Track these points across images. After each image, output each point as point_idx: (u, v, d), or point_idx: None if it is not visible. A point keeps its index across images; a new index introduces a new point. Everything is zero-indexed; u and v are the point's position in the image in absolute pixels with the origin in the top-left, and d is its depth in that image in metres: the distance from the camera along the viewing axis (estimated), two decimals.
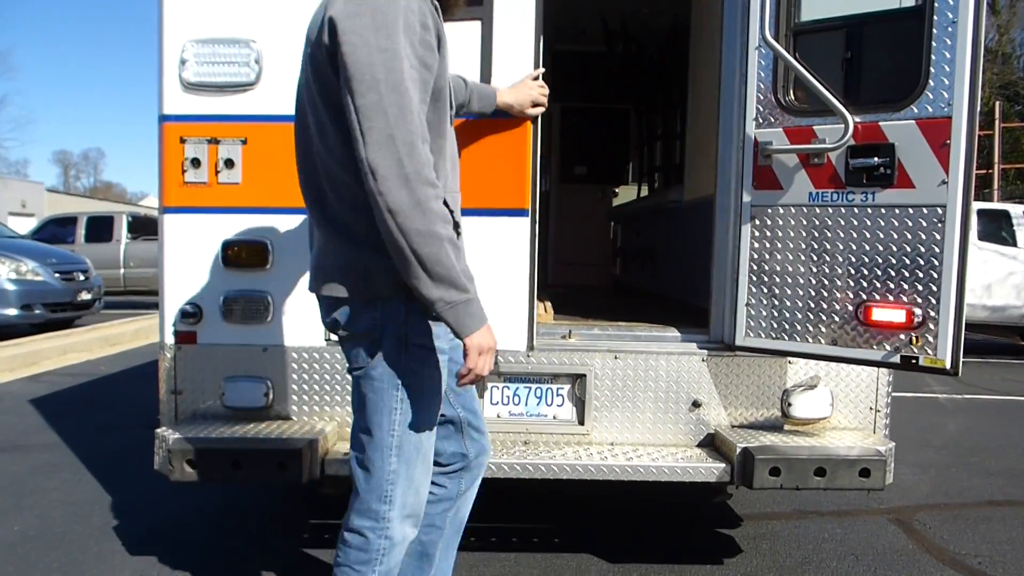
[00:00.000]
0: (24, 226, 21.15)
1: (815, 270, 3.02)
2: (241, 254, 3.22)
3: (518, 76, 3.15)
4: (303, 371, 3.27)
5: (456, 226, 1.98)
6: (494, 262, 3.22)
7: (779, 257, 3.11)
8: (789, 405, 3.30)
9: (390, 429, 2.02)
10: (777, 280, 3.12)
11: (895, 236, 2.78)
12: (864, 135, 2.82)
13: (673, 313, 4.12)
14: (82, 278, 11.53)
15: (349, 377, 2.09)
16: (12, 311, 10.22)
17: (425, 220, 1.79)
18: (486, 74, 3.15)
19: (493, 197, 3.21)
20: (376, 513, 2.06)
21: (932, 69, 2.68)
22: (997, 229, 10.97)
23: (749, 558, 3.62)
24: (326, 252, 2.05)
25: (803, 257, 3.04)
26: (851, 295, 2.91)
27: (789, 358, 3.28)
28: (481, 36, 3.15)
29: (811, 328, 3.05)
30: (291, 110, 3.18)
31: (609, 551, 3.62)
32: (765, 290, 3.16)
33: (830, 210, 2.94)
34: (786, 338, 3.12)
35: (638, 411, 3.33)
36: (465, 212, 3.20)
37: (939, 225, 2.68)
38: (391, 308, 1.98)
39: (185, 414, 3.28)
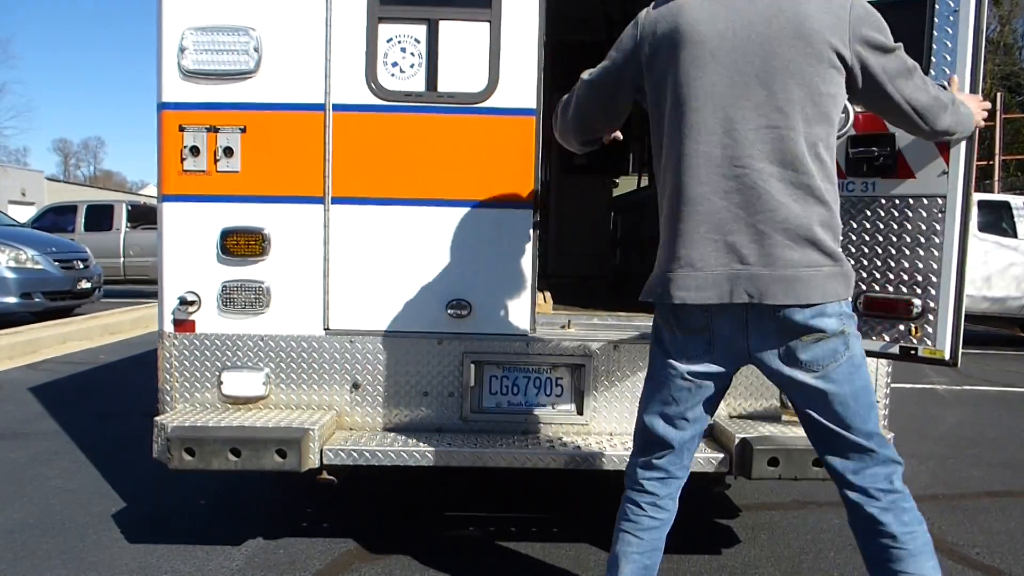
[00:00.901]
0: (24, 214, 21.12)
1: None
2: (240, 243, 3.22)
3: (524, 74, 3.20)
4: (302, 360, 3.28)
5: None
6: (498, 252, 3.24)
7: None
8: None
9: (874, 398, 2.22)
10: None
11: (895, 226, 2.77)
12: (865, 125, 2.81)
13: None
14: (82, 266, 11.52)
15: (350, 366, 2.05)
16: (12, 299, 10.22)
17: (956, 112, 2.27)
18: (494, 72, 3.18)
19: (499, 190, 3.22)
20: (898, 463, 2.19)
21: (933, 59, 2.66)
22: (998, 220, 10.95)
23: (747, 548, 3.63)
24: (791, 259, 2.04)
25: None
26: None
27: None
28: (489, 37, 3.19)
29: None
30: (290, 98, 3.24)
31: (607, 541, 3.61)
32: None
33: None
34: None
35: (637, 401, 3.32)
36: (470, 204, 3.24)
37: (939, 215, 2.67)
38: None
39: (184, 402, 3.29)
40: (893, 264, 2.79)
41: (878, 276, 2.83)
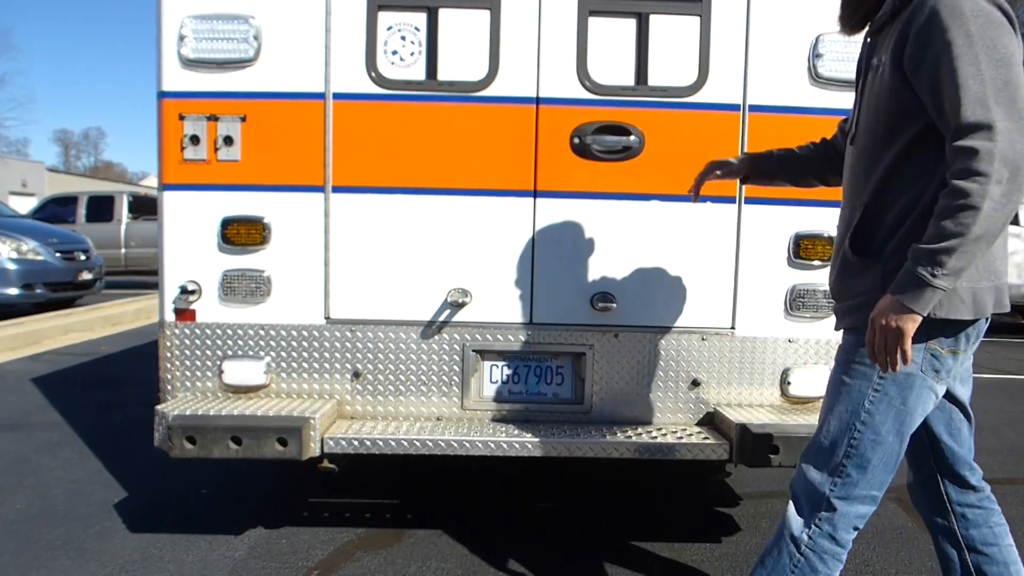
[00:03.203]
0: (25, 205, 21.15)
1: None
2: (240, 232, 3.22)
3: (524, 62, 3.20)
4: (302, 349, 3.28)
5: None
6: (499, 241, 3.24)
7: None
8: (788, 383, 3.30)
9: None
10: None
11: None
12: None
13: None
14: (83, 258, 11.52)
15: (350, 355, 2.01)
16: (13, 290, 10.22)
17: None
18: (494, 61, 3.17)
19: (499, 178, 3.22)
20: None
21: None
22: None
23: (748, 536, 3.63)
24: None
25: None
26: None
27: (788, 337, 3.28)
28: (490, 25, 3.19)
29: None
30: (290, 86, 3.23)
31: (607, 530, 3.64)
32: None
33: None
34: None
35: (638, 390, 3.33)
36: (471, 193, 3.23)
37: None
38: None
39: (185, 391, 3.29)
40: None
41: None
